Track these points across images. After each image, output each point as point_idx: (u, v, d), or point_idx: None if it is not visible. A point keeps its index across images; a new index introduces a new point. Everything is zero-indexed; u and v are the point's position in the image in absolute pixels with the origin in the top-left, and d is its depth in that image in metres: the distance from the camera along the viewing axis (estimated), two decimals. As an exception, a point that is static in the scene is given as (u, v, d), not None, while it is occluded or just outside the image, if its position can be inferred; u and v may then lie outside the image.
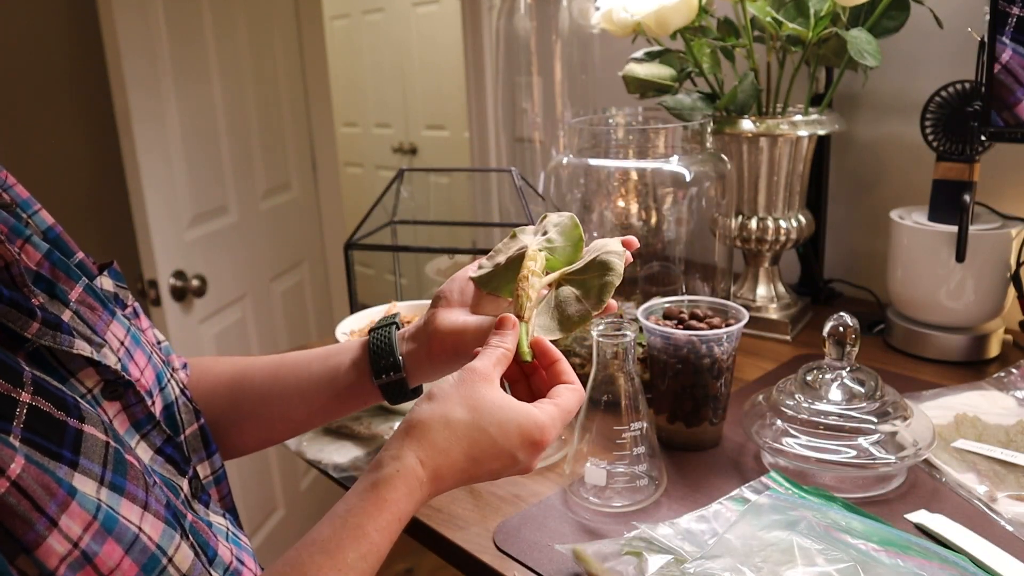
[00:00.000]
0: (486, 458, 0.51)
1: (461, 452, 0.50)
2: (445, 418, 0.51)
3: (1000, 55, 0.89)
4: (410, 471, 0.49)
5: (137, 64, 1.53)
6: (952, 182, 1.01)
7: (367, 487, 0.49)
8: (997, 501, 0.71)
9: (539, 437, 0.52)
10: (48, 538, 0.37)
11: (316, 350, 0.67)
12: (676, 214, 1.06)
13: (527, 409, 0.52)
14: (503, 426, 0.51)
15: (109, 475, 0.43)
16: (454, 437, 0.50)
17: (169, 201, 1.65)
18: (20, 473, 0.37)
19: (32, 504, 0.37)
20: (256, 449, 0.69)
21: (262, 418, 0.67)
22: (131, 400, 0.50)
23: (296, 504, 2.19)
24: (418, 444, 0.50)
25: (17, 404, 0.40)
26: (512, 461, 0.52)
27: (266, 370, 0.67)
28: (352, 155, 3.54)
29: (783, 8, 1.03)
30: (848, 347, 0.78)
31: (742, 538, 0.62)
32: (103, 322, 0.52)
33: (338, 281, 2.28)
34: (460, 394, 0.51)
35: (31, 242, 0.50)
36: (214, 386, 0.67)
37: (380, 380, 0.62)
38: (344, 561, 0.46)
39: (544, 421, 0.52)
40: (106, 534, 0.40)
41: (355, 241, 1.07)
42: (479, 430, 0.51)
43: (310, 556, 0.46)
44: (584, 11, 1.48)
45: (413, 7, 3.06)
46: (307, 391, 0.65)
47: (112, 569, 0.39)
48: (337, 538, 0.47)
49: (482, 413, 0.51)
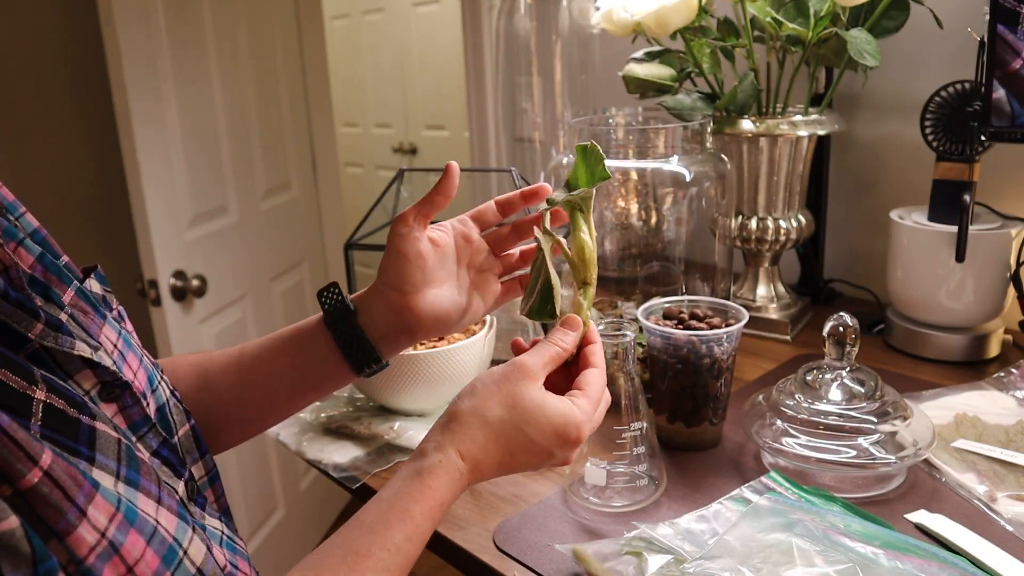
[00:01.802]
0: (523, 453, 0.54)
1: (498, 448, 0.53)
2: (483, 416, 0.53)
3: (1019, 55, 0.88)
4: (451, 462, 0.52)
5: (137, 64, 1.53)
6: (952, 182, 1.01)
7: (411, 474, 0.52)
8: (997, 501, 0.71)
9: (575, 435, 0.54)
10: (79, 527, 0.37)
11: (273, 344, 0.66)
12: (676, 214, 1.06)
13: (563, 408, 0.54)
14: (540, 426, 0.53)
15: (124, 471, 0.43)
16: (492, 434, 0.53)
17: (169, 201, 1.65)
18: (51, 464, 0.37)
19: (63, 494, 0.37)
20: (237, 444, 0.69)
21: (235, 419, 0.67)
22: (128, 402, 0.50)
23: (296, 504, 2.19)
24: (458, 438, 0.53)
25: (33, 401, 0.40)
26: (548, 456, 0.55)
27: (228, 372, 0.66)
28: (352, 155, 3.54)
29: (783, 8, 1.03)
30: (848, 347, 0.78)
31: (741, 539, 0.62)
32: (96, 325, 0.52)
33: (338, 281, 2.28)
34: (502, 392, 0.54)
35: (24, 245, 0.50)
36: (182, 392, 0.66)
37: (364, 373, 0.64)
38: (392, 540, 0.49)
39: (579, 418, 0.55)
40: (128, 525, 0.40)
41: (355, 241, 1.07)
42: (516, 429, 0.53)
43: (359, 535, 0.49)
44: (584, 11, 1.48)
45: (413, 7, 3.06)
46: (278, 391, 0.65)
47: (137, 560, 0.40)
48: (384, 520, 0.50)
49: (520, 412, 0.53)
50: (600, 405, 0.58)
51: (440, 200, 0.63)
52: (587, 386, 0.58)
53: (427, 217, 0.63)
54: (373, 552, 0.48)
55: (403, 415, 0.94)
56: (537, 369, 0.55)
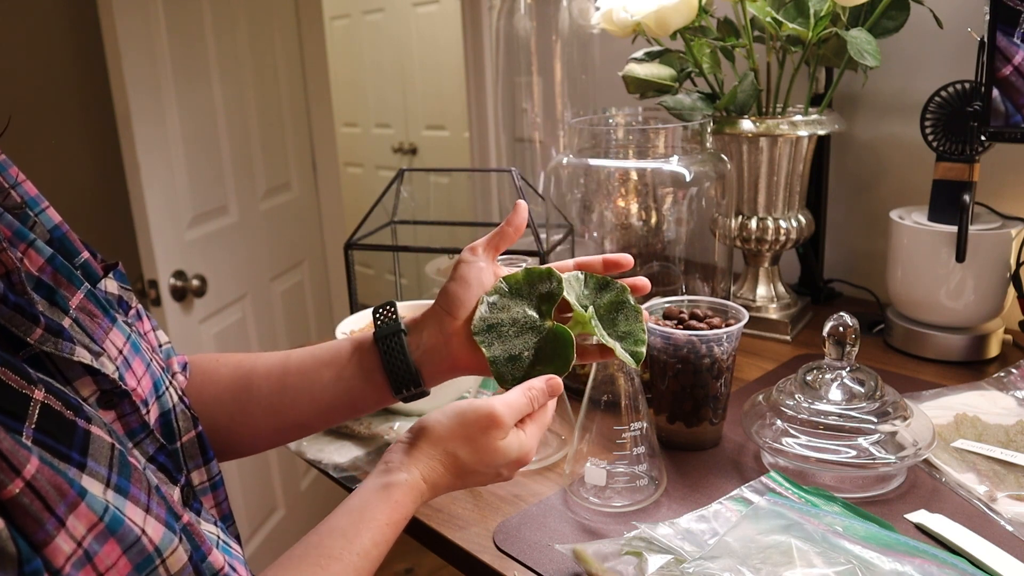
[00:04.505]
0: (475, 478, 0.60)
1: (456, 478, 0.59)
2: (447, 453, 0.58)
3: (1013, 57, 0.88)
4: (416, 482, 0.57)
5: (137, 65, 1.53)
6: (952, 182, 1.01)
7: (379, 487, 0.56)
8: (997, 501, 0.71)
9: (525, 459, 0.60)
10: (56, 538, 0.37)
11: (322, 355, 0.67)
12: (676, 214, 1.06)
13: (518, 443, 0.59)
14: (496, 464, 0.59)
15: (115, 478, 0.43)
16: (453, 468, 0.58)
17: (169, 201, 1.65)
18: (35, 474, 0.37)
19: (43, 504, 0.37)
20: (265, 450, 0.71)
21: (272, 426, 0.67)
22: (126, 409, 0.50)
23: (296, 504, 2.20)
24: (422, 465, 0.57)
25: (30, 402, 0.40)
26: (497, 476, 0.61)
27: (273, 377, 0.66)
28: (352, 155, 3.54)
29: (783, 8, 1.03)
30: (848, 347, 0.78)
31: (741, 540, 0.62)
32: (102, 330, 0.51)
33: (338, 281, 2.29)
34: (468, 435, 0.58)
35: (34, 246, 0.49)
36: (219, 393, 0.66)
37: (401, 395, 0.65)
38: (361, 546, 0.52)
39: (530, 446, 0.60)
40: (109, 535, 0.40)
41: (355, 241, 1.07)
42: (474, 468, 0.59)
43: (330, 539, 0.52)
44: (584, 11, 1.48)
45: (413, 7, 3.06)
46: (320, 401, 0.66)
47: (108, 567, 0.40)
48: (354, 527, 0.53)
49: (482, 456, 0.58)
50: (543, 427, 0.62)
51: (510, 232, 0.66)
52: (537, 414, 0.61)
53: (496, 249, 0.66)
54: (344, 556, 0.51)
55: (403, 415, 0.94)
56: (508, 422, 0.58)
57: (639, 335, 0.65)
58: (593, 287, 0.66)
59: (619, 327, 0.65)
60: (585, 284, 0.66)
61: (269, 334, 2.04)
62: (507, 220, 0.66)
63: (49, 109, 1.79)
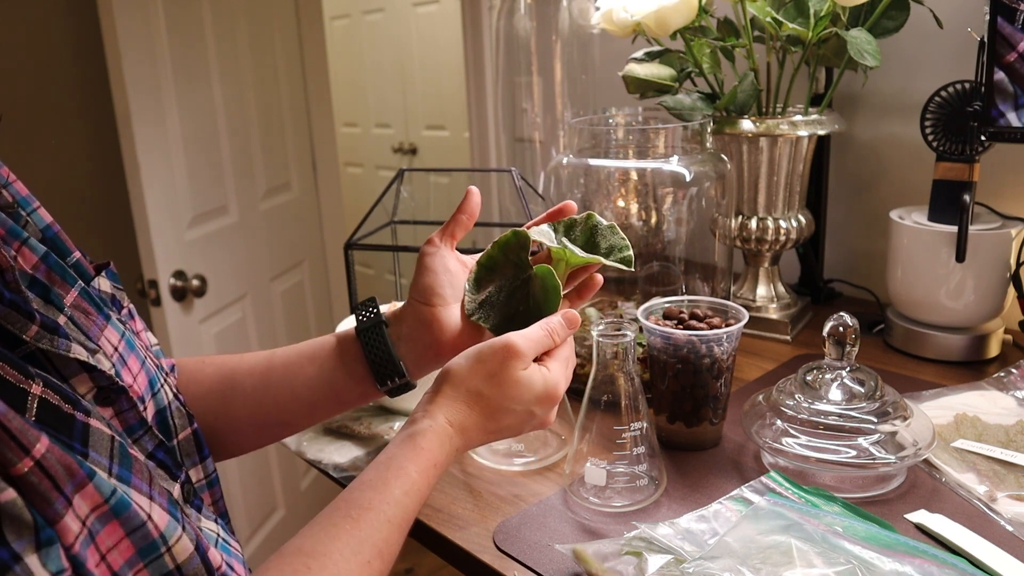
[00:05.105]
0: (507, 419, 0.59)
1: (484, 418, 0.58)
2: (469, 391, 0.57)
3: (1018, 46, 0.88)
4: (441, 426, 0.56)
5: (137, 64, 1.53)
6: (952, 182, 1.01)
7: (404, 438, 0.56)
8: (997, 501, 0.71)
9: (554, 395, 0.59)
10: (65, 516, 0.38)
11: (304, 350, 0.67)
12: (676, 214, 1.06)
13: (541, 377, 0.59)
14: (523, 399, 0.58)
15: (116, 468, 0.43)
16: (478, 407, 0.58)
17: (169, 201, 1.65)
18: (44, 453, 0.38)
19: (52, 483, 0.38)
20: (253, 450, 0.70)
21: (256, 424, 0.67)
22: (123, 406, 0.50)
23: (296, 504, 2.20)
24: (446, 408, 0.57)
25: (28, 395, 0.40)
26: (531, 417, 0.60)
27: (256, 374, 0.66)
28: (352, 155, 3.54)
29: (783, 8, 1.03)
30: (848, 347, 0.78)
31: (741, 540, 0.62)
32: (97, 327, 0.52)
33: (338, 281, 2.29)
34: (489, 369, 0.57)
35: (28, 244, 0.50)
36: (204, 393, 0.66)
37: (386, 387, 0.65)
38: (391, 495, 0.52)
39: (556, 379, 0.59)
40: (112, 516, 0.40)
41: (355, 241, 1.07)
42: (500, 403, 0.58)
43: (360, 493, 0.52)
44: (584, 11, 1.48)
45: (413, 7, 3.06)
46: (303, 397, 0.66)
47: (110, 548, 0.40)
48: (383, 478, 0.53)
49: (505, 389, 0.57)
50: (568, 365, 0.62)
51: (463, 219, 0.67)
52: (558, 351, 0.61)
53: (453, 237, 0.67)
54: (374, 505, 0.51)
55: (403, 415, 0.94)
56: (527, 353, 0.58)
57: (621, 244, 0.65)
58: (563, 231, 0.67)
59: (600, 246, 0.66)
60: (555, 231, 0.67)
61: (269, 334, 2.04)
62: (459, 208, 0.67)
63: (49, 109, 1.79)
